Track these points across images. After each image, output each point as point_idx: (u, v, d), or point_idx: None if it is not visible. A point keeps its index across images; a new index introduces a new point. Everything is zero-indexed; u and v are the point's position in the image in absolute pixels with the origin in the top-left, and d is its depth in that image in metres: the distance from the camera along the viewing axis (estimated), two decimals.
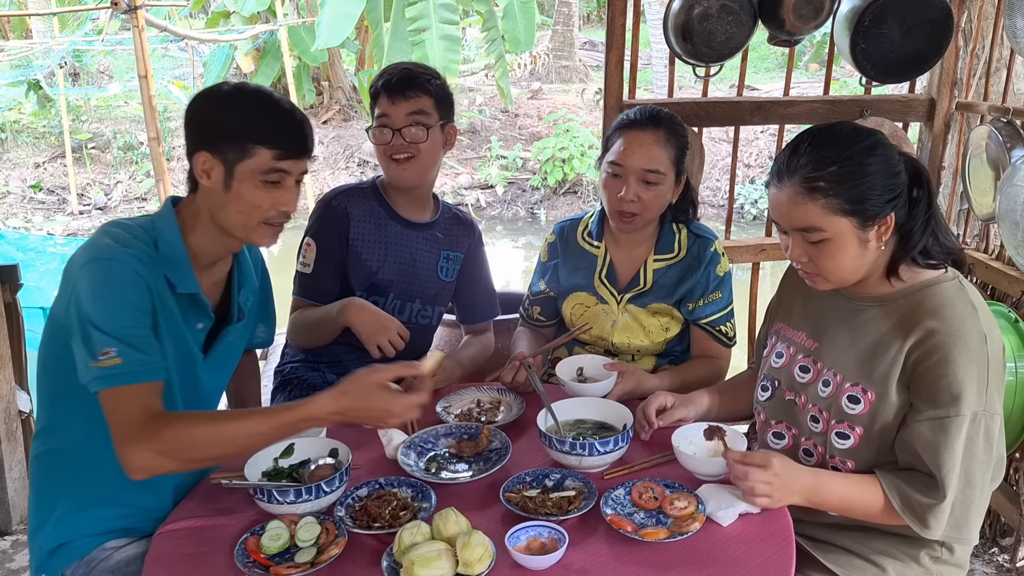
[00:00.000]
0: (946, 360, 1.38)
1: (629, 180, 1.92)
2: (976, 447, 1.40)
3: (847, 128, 1.47)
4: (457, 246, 2.21)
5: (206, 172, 1.48)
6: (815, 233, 1.43)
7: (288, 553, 1.36)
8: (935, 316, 1.42)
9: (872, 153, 1.42)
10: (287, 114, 1.51)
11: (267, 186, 1.49)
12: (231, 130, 1.47)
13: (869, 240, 1.44)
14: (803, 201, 1.42)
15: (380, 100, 2.03)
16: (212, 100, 1.53)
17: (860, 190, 1.41)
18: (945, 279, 1.48)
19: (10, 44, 12.59)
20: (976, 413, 1.38)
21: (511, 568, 1.30)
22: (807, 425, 1.56)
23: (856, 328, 1.53)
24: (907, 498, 1.41)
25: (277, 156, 1.48)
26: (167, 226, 1.52)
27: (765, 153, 10.64)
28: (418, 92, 2.01)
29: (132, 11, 5.27)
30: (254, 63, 12.23)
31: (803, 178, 1.42)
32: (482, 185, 11.10)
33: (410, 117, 1.99)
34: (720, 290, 2.03)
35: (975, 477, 1.41)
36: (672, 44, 2.56)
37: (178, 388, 1.55)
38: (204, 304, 1.56)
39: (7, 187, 11.08)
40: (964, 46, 2.96)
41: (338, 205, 2.09)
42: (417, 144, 1.99)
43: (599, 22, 20.67)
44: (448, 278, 2.20)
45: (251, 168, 1.47)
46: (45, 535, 1.60)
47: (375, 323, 1.88)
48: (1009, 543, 2.56)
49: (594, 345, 2.10)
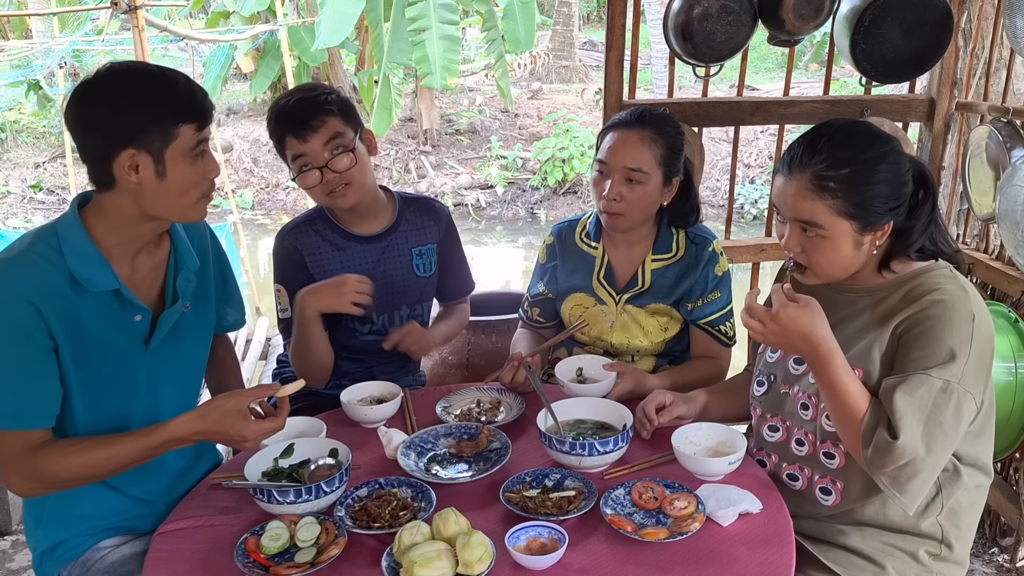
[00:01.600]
0: (930, 331, 1.40)
1: (613, 178, 1.93)
2: (943, 415, 1.37)
3: (865, 130, 1.48)
4: (427, 238, 2.13)
5: (133, 169, 1.41)
6: (815, 229, 1.45)
7: (288, 553, 1.36)
8: (925, 296, 1.44)
9: (885, 161, 1.43)
10: (186, 85, 1.45)
11: (195, 160, 1.46)
12: (148, 118, 1.40)
13: (864, 244, 1.46)
14: (810, 196, 1.43)
15: (289, 142, 1.90)
16: (109, 96, 1.42)
17: (867, 196, 1.42)
18: (937, 267, 1.50)
19: (10, 44, 12.58)
20: (949, 383, 1.38)
21: (511, 568, 1.30)
22: (798, 414, 1.57)
23: (850, 317, 1.54)
24: (874, 425, 1.39)
25: (199, 127, 1.44)
26: (70, 229, 1.46)
27: (765, 153, 10.65)
28: (322, 117, 1.87)
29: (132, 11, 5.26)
30: (254, 63, 12.25)
31: (815, 174, 1.43)
32: (482, 185, 11.10)
33: (328, 146, 1.88)
34: (719, 290, 2.03)
35: (935, 446, 1.38)
36: (672, 44, 2.56)
37: (118, 386, 1.52)
38: (129, 297, 1.51)
39: (7, 187, 11.09)
40: (964, 46, 2.96)
41: (289, 245, 2.02)
42: (348, 171, 1.90)
43: (599, 22, 20.67)
44: (427, 272, 2.14)
45: (180, 149, 1.42)
46: (40, 535, 1.60)
47: (332, 293, 1.85)
48: (1009, 543, 2.56)
49: (593, 346, 2.10)
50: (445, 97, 13.29)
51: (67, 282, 1.43)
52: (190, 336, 1.65)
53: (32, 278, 1.41)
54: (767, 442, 1.64)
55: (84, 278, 1.44)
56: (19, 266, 1.42)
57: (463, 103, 13.33)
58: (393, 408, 1.81)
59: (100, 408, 1.51)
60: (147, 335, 1.56)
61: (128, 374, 1.54)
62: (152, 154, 1.41)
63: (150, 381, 1.57)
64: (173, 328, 1.59)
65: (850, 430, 1.42)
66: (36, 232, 1.48)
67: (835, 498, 1.54)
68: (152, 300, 1.57)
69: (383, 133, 9.45)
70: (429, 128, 11.96)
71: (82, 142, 1.43)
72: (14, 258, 1.43)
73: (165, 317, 1.57)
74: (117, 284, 1.48)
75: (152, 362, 1.57)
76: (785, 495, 1.51)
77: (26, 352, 1.41)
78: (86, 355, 1.47)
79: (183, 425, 1.44)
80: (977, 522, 1.58)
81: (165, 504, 1.61)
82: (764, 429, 1.65)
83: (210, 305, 1.72)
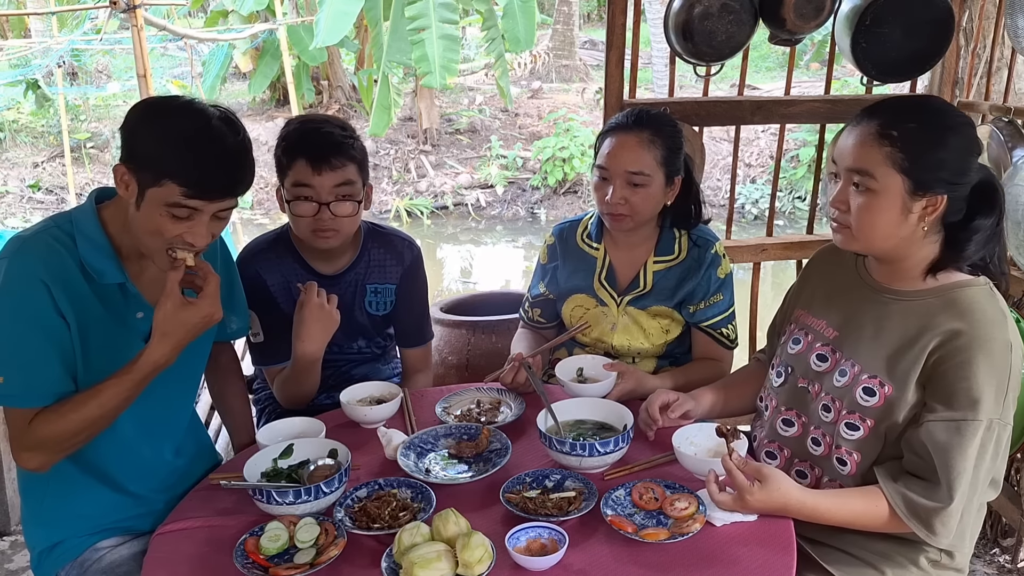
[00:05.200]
0: (969, 363, 1.37)
1: (615, 183, 1.92)
2: (987, 455, 1.39)
3: (941, 102, 1.49)
4: (385, 277, 2.05)
5: (124, 184, 1.43)
6: (867, 179, 1.42)
7: (287, 554, 1.35)
8: (963, 318, 1.40)
9: (957, 133, 1.42)
10: (214, 152, 1.41)
11: (173, 218, 1.43)
12: (148, 155, 1.40)
13: (912, 212, 1.42)
14: (871, 143, 1.42)
15: (299, 167, 1.83)
16: (143, 118, 1.45)
17: (927, 157, 1.40)
18: (976, 283, 1.46)
19: (8, 43, 12.58)
20: (992, 420, 1.37)
21: (511, 569, 1.30)
22: (818, 414, 1.56)
23: (881, 321, 1.51)
24: (912, 504, 1.39)
25: (185, 194, 1.40)
26: (85, 219, 1.49)
27: (766, 153, 10.64)
28: (344, 160, 1.83)
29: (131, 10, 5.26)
30: (252, 62, 12.24)
31: (882, 123, 1.42)
32: (482, 185, 11.09)
33: (337, 190, 1.83)
34: (721, 292, 2.02)
35: (979, 483, 1.40)
36: (673, 43, 2.55)
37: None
38: (134, 293, 1.52)
39: (6, 187, 11.07)
40: (965, 45, 2.96)
41: (252, 273, 1.95)
42: (344, 218, 1.86)
43: (599, 21, 20.67)
44: (380, 311, 2.07)
45: (157, 197, 1.40)
46: (38, 534, 1.60)
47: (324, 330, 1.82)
48: (1010, 543, 2.56)
49: (594, 347, 2.09)
50: (445, 96, 13.28)
51: (77, 268, 1.46)
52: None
53: (45, 258, 1.44)
54: (780, 435, 1.63)
55: (93, 268, 1.47)
56: (33, 247, 1.45)
57: (463, 102, 13.32)
58: (393, 408, 1.80)
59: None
60: (147, 333, 1.55)
61: None
62: (139, 184, 1.42)
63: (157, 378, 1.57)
64: None
65: (896, 526, 1.43)
66: (53, 218, 1.51)
67: None
68: (156, 299, 1.57)
69: (382, 133, 9.44)
70: (429, 127, 11.95)
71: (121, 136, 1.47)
72: (29, 238, 1.46)
73: None
74: (123, 278, 1.51)
75: None
76: None
77: (34, 330, 1.42)
78: (89, 343, 1.49)
79: (154, 348, 1.44)
80: (979, 531, 1.57)
81: (163, 504, 1.61)
82: (778, 422, 1.63)
83: None
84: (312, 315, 1.81)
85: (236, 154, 1.44)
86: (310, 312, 1.81)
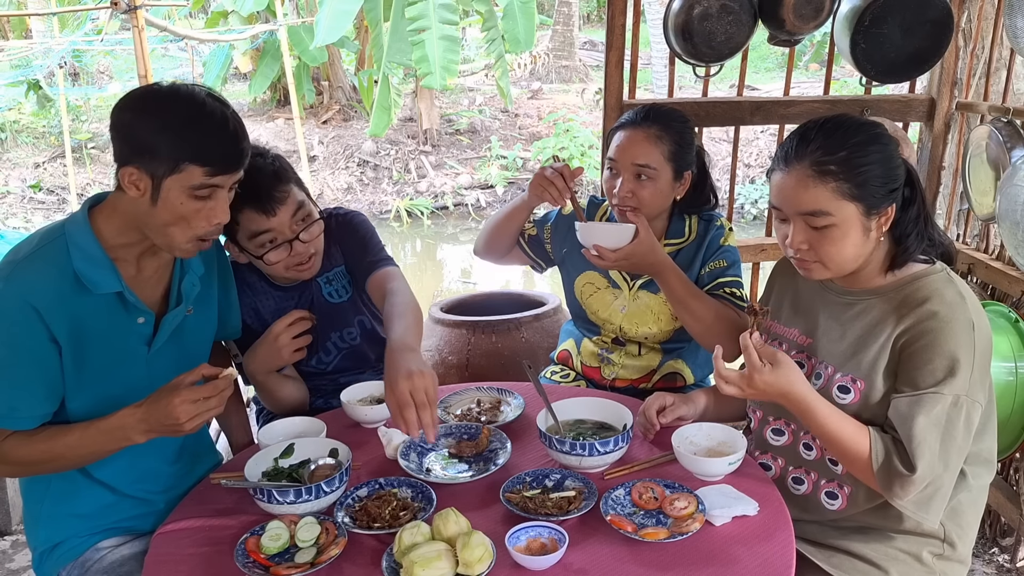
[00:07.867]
0: (932, 344, 1.40)
1: (623, 175, 1.96)
2: (956, 430, 1.40)
3: (851, 118, 1.50)
4: (331, 263, 1.98)
5: (134, 184, 1.42)
6: (822, 217, 1.44)
7: (288, 553, 1.36)
8: (923, 305, 1.43)
9: (876, 142, 1.45)
10: (219, 127, 1.42)
11: (197, 200, 1.43)
12: (158, 146, 1.38)
13: (871, 229, 1.46)
14: (813, 184, 1.43)
15: (247, 217, 1.74)
16: (137, 113, 1.42)
17: (866, 176, 1.42)
18: (933, 271, 1.50)
19: (10, 44, 12.60)
20: (959, 396, 1.39)
21: (511, 568, 1.30)
22: None
23: (847, 321, 1.54)
24: (887, 459, 1.40)
25: (209, 172, 1.41)
26: (78, 230, 1.46)
27: (765, 153, 10.65)
28: (284, 187, 1.76)
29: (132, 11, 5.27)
30: (253, 63, 12.25)
31: (814, 161, 1.43)
32: (482, 185, 11.10)
33: (295, 218, 1.78)
34: (724, 259, 2.03)
35: (951, 460, 1.41)
36: (672, 44, 2.56)
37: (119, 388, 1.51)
38: (132, 300, 1.51)
39: (7, 187, 11.08)
40: (964, 46, 2.96)
41: None
42: (316, 240, 1.83)
43: (599, 22, 20.68)
44: (342, 298, 2.00)
45: (180, 183, 1.40)
46: (39, 535, 1.61)
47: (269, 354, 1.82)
48: (1009, 543, 2.56)
49: (602, 328, 2.12)
50: (445, 97, 13.29)
51: (71, 283, 1.45)
52: (192, 339, 1.66)
53: (35, 281, 1.42)
54: (772, 445, 1.64)
55: (88, 279, 1.45)
56: (24, 270, 1.43)
57: (463, 103, 13.34)
58: None
59: (100, 409, 1.50)
60: (150, 337, 1.56)
61: (129, 375, 1.54)
62: (152, 178, 1.41)
63: (151, 383, 1.56)
64: (175, 331, 1.60)
65: (861, 470, 1.44)
66: (44, 232, 1.50)
67: (841, 503, 1.54)
68: (155, 301, 1.58)
69: (382, 133, 9.45)
70: (429, 128, 11.96)
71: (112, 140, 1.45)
72: (20, 261, 1.44)
73: (168, 320, 1.58)
74: (120, 287, 1.49)
75: (153, 364, 1.57)
76: (787, 500, 1.50)
77: (22, 355, 1.42)
78: (88, 356, 1.48)
79: (127, 412, 1.43)
80: (979, 519, 1.59)
81: (164, 504, 1.61)
82: (767, 432, 1.65)
83: (212, 310, 1.73)
84: (266, 338, 1.83)
85: (238, 124, 1.46)
86: (266, 336, 1.83)
